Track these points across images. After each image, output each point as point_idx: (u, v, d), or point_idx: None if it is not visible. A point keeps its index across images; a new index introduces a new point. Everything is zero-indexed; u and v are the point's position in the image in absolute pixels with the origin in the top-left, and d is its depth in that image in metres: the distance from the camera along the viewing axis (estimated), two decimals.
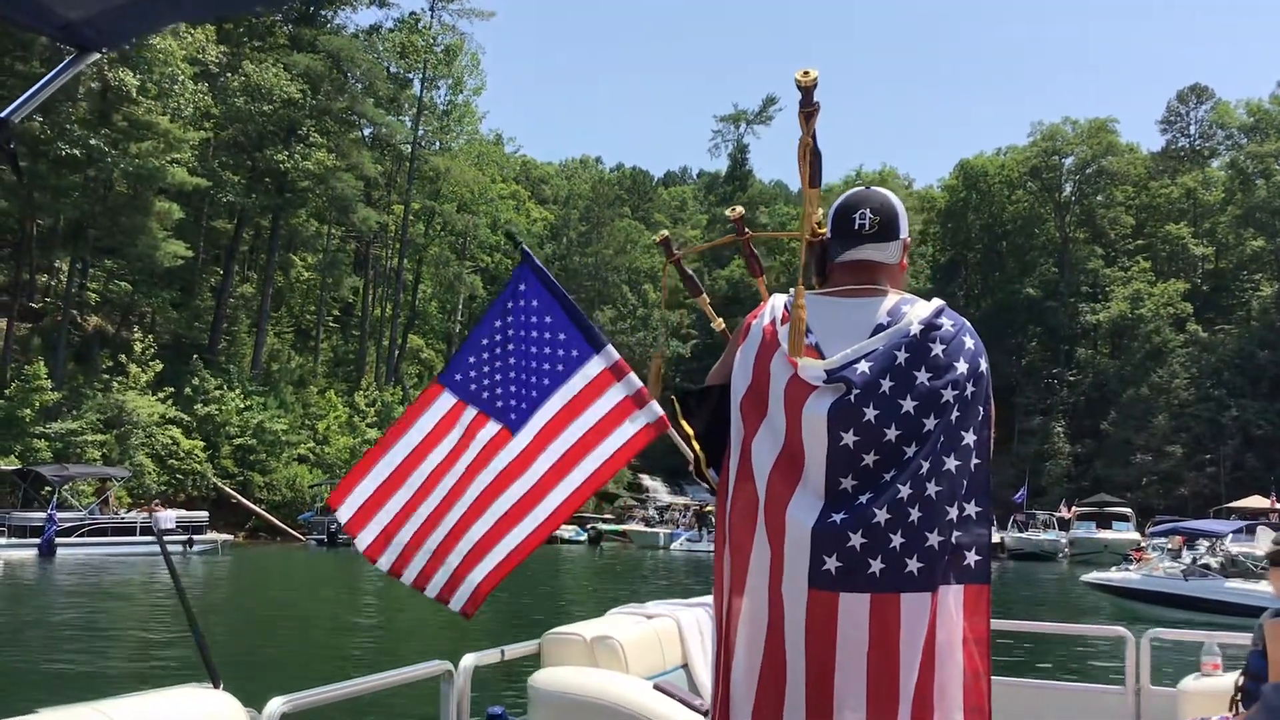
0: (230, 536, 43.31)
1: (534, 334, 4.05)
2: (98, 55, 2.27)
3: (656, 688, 3.99)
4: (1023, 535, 57.25)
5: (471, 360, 4.06)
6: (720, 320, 3.86)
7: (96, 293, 54.35)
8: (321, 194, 59.10)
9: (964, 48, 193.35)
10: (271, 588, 29.55)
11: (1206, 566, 24.36)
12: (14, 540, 35.24)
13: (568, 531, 60.82)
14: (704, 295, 3.90)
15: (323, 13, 61.79)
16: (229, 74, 53.84)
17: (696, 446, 2.69)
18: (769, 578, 2.43)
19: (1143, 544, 38.81)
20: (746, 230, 3.52)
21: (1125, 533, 53.08)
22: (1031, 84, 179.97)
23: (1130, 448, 71.50)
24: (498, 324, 4.09)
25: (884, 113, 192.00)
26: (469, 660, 3.69)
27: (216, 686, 2.90)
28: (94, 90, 46.59)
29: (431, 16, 67.82)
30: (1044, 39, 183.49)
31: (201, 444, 48.16)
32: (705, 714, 3.80)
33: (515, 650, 4.13)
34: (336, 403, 57.72)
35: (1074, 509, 59.88)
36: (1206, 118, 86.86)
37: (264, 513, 50.26)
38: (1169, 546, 30.57)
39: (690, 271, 3.83)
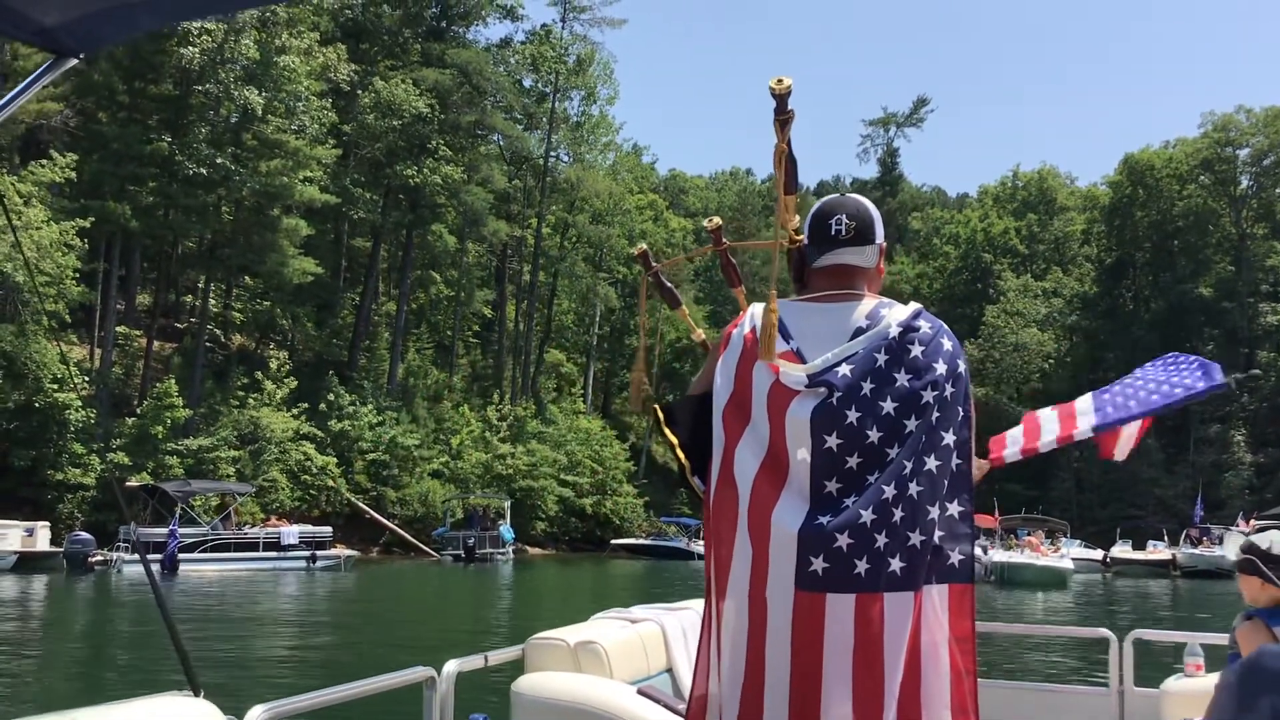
0: (355, 552, 43.09)
1: None
2: (75, 61, 2.27)
3: (640, 692, 3.95)
4: (1195, 551, 53.67)
5: None
6: (701, 331, 3.76)
7: (240, 311, 55.55)
8: (455, 208, 59.24)
9: (1126, 36, 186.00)
10: (372, 601, 28.80)
11: None
12: (138, 555, 35.65)
13: None
14: (683, 307, 3.74)
15: (454, 28, 62.01)
16: (360, 91, 54.29)
17: (681, 455, 2.68)
18: (750, 581, 2.43)
19: None
20: (724, 240, 3.47)
21: None
22: (1200, 72, 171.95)
23: None
24: None
25: (1042, 109, 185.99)
26: (452, 666, 3.64)
27: (197, 695, 2.86)
28: (235, 110, 47.55)
29: (562, 27, 67.54)
30: (1213, 24, 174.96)
31: (334, 460, 48.34)
32: None
33: (499, 656, 4.14)
34: (470, 417, 57.50)
35: (1253, 522, 55.75)
36: None
37: (397, 528, 50.17)
38: None
39: (669, 284, 3.65)
